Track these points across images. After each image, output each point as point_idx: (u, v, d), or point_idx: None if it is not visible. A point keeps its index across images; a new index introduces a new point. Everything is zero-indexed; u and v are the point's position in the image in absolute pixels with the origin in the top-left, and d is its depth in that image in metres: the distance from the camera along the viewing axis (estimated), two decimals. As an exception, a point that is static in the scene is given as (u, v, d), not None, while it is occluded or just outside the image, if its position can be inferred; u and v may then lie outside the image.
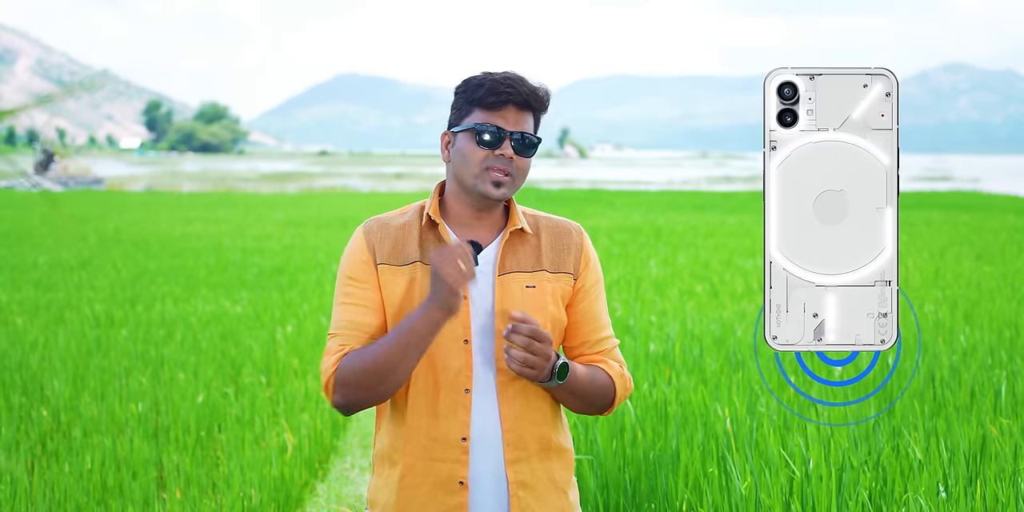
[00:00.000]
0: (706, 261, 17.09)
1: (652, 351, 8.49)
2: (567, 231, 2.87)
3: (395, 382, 2.68)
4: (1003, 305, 11.44)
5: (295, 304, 12.84)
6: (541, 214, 2.90)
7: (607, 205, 37.52)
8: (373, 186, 65.45)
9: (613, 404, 2.84)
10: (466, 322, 2.75)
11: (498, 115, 2.72)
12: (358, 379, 2.68)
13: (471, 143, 2.72)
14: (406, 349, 2.64)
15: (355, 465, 7.18)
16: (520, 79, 2.74)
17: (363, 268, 2.79)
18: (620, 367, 2.87)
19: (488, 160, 2.71)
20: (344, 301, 2.80)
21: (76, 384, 8.21)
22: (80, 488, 5.92)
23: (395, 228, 2.82)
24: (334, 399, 2.73)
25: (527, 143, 2.73)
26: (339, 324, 2.78)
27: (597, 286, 2.88)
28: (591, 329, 2.85)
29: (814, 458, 5.16)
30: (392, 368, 2.65)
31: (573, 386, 2.74)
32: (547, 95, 2.78)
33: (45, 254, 19.21)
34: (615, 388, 2.83)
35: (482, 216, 2.80)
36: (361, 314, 2.77)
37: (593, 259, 2.89)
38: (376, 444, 2.89)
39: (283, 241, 22.60)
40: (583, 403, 2.80)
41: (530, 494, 2.79)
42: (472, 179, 2.73)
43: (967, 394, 7.20)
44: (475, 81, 2.76)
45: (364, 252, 2.80)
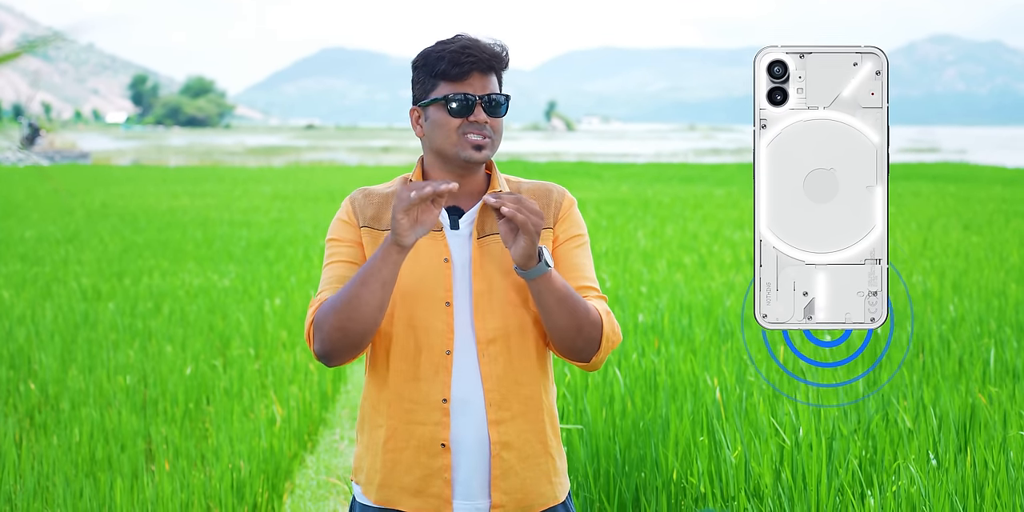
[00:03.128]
0: (694, 232, 17.10)
1: (641, 322, 8.49)
2: (547, 191, 2.90)
3: (361, 320, 2.65)
4: (991, 275, 11.46)
5: (283, 277, 12.82)
6: (525, 181, 2.93)
7: (595, 178, 37.51)
8: (360, 160, 65.31)
9: (600, 343, 2.74)
10: (447, 284, 2.75)
11: (464, 84, 2.74)
12: (329, 321, 2.67)
13: (443, 114, 2.74)
14: (365, 282, 2.62)
15: (344, 437, 7.18)
16: (476, 45, 2.75)
17: (347, 228, 2.84)
18: (607, 310, 2.80)
19: (464, 127, 2.73)
20: (329, 261, 2.84)
21: (64, 357, 8.19)
22: (68, 461, 5.91)
23: (379, 196, 2.87)
24: (314, 348, 2.73)
25: (496, 104, 2.76)
26: (325, 281, 2.81)
27: (576, 239, 2.86)
28: (570, 276, 2.81)
29: (804, 427, 5.17)
30: (355, 303, 2.63)
31: (558, 283, 2.65)
32: (505, 52, 2.79)
33: (31, 228, 19.15)
34: (601, 321, 2.73)
35: (465, 182, 2.82)
36: (344, 269, 2.80)
37: (573, 214, 2.88)
38: (360, 411, 2.90)
39: (270, 214, 22.56)
40: (571, 318, 2.68)
41: (515, 455, 2.78)
42: (452, 148, 2.75)
43: (956, 363, 7.21)
44: (434, 54, 2.77)
45: (349, 216, 2.85)
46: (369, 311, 2.65)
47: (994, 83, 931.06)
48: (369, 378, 2.85)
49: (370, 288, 2.63)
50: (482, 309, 2.75)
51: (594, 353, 2.76)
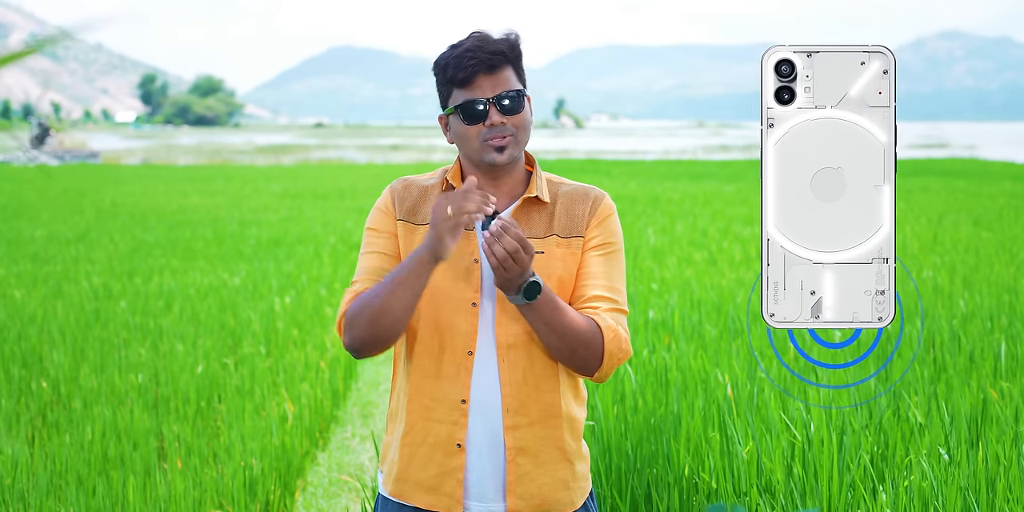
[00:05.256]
0: (704, 229, 17.09)
1: (651, 318, 8.49)
2: (584, 195, 2.82)
3: (390, 323, 2.65)
4: (1001, 270, 11.45)
5: (293, 275, 12.83)
6: (567, 181, 2.86)
7: (604, 175, 37.49)
8: (370, 158, 65.33)
9: (602, 361, 2.70)
10: (477, 285, 2.74)
11: (473, 88, 2.71)
12: (359, 318, 2.68)
13: (461, 123, 2.73)
14: (396, 287, 2.62)
15: (355, 434, 7.19)
16: (481, 43, 2.71)
17: (385, 219, 2.83)
18: (615, 325, 2.72)
19: (483, 133, 2.71)
20: (366, 250, 2.83)
21: (75, 356, 8.21)
22: (81, 459, 5.92)
23: (418, 188, 2.85)
24: (344, 339, 2.74)
25: (509, 101, 2.71)
26: (360, 271, 2.81)
27: (604, 247, 2.79)
28: (585, 284, 2.77)
29: (815, 422, 5.17)
30: (384, 307, 2.63)
31: (544, 312, 2.62)
32: (514, 43, 2.75)
33: (42, 227, 19.19)
34: (603, 340, 2.69)
35: (499, 183, 2.79)
36: (381, 260, 2.80)
37: (608, 221, 2.81)
38: (391, 402, 2.91)
39: (280, 213, 22.58)
40: (562, 343, 2.66)
41: (530, 461, 2.76)
42: (477, 154, 2.73)
43: (967, 358, 7.21)
44: (443, 60, 2.75)
45: (388, 205, 2.84)
46: (397, 316, 2.65)
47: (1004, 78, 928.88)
48: (399, 373, 2.86)
49: (399, 296, 2.63)
50: (507, 313, 2.73)
51: (595, 370, 2.72)
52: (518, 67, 2.77)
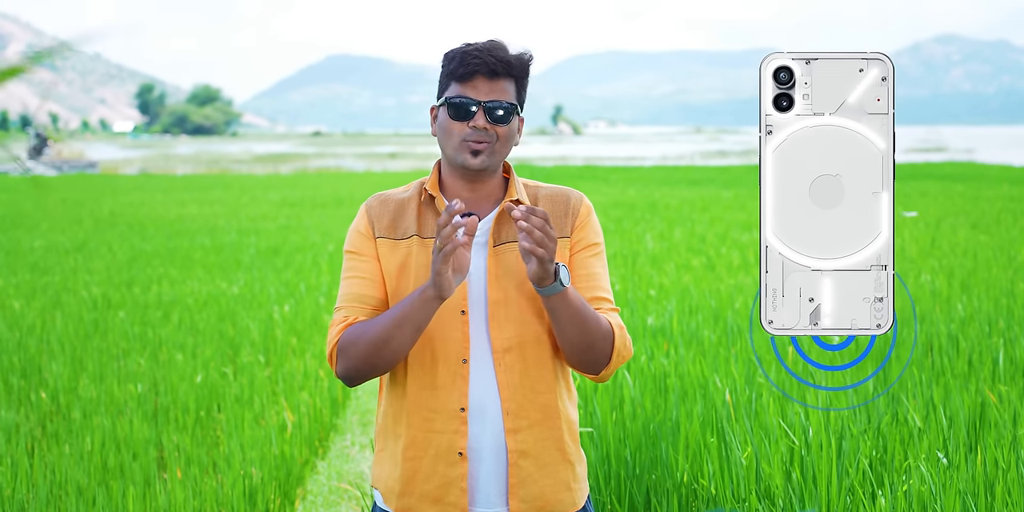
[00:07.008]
0: (702, 235, 17.09)
1: (650, 324, 8.50)
2: (565, 197, 2.84)
3: (391, 356, 2.68)
4: (999, 274, 11.46)
5: (292, 284, 12.83)
6: (543, 185, 2.88)
7: (602, 181, 37.50)
8: (367, 166, 65.32)
9: (611, 357, 2.74)
10: (463, 293, 2.74)
11: (469, 86, 2.72)
12: (357, 351, 2.69)
13: (447, 117, 2.73)
14: (400, 325, 2.64)
15: (355, 442, 7.19)
16: (492, 47, 2.72)
17: (363, 241, 2.81)
18: (622, 324, 2.78)
19: (465, 132, 2.71)
20: (347, 275, 2.82)
21: (75, 366, 8.21)
22: (81, 469, 5.92)
23: (395, 203, 2.83)
24: (337, 369, 2.75)
25: (498, 111, 2.71)
26: (343, 297, 2.80)
27: (593, 248, 2.82)
28: (585, 285, 2.79)
29: (814, 427, 5.17)
30: (387, 343, 2.65)
31: (574, 301, 2.63)
32: (524, 60, 2.75)
33: (40, 238, 19.18)
34: (613, 335, 2.73)
35: (476, 188, 2.79)
36: (363, 286, 2.79)
37: (591, 221, 2.84)
38: (378, 420, 2.89)
39: (278, 221, 22.58)
40: (583, 336, 2.68)
41: (532, 463, 2.77)
42: (452, 151, 2.74)
43: (965, 362, 7.21)
44: (451, 53, 2.76)
45: (364, 226, 2.82)
46: (400, 350, 2.67)
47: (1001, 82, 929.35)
48: (388, 388, 2.85)
49: (404, 331, 2.64)
50: (498, 318, 2.74)
51: (603, 367, 2.75)
52: (520, 84, 2.78)
